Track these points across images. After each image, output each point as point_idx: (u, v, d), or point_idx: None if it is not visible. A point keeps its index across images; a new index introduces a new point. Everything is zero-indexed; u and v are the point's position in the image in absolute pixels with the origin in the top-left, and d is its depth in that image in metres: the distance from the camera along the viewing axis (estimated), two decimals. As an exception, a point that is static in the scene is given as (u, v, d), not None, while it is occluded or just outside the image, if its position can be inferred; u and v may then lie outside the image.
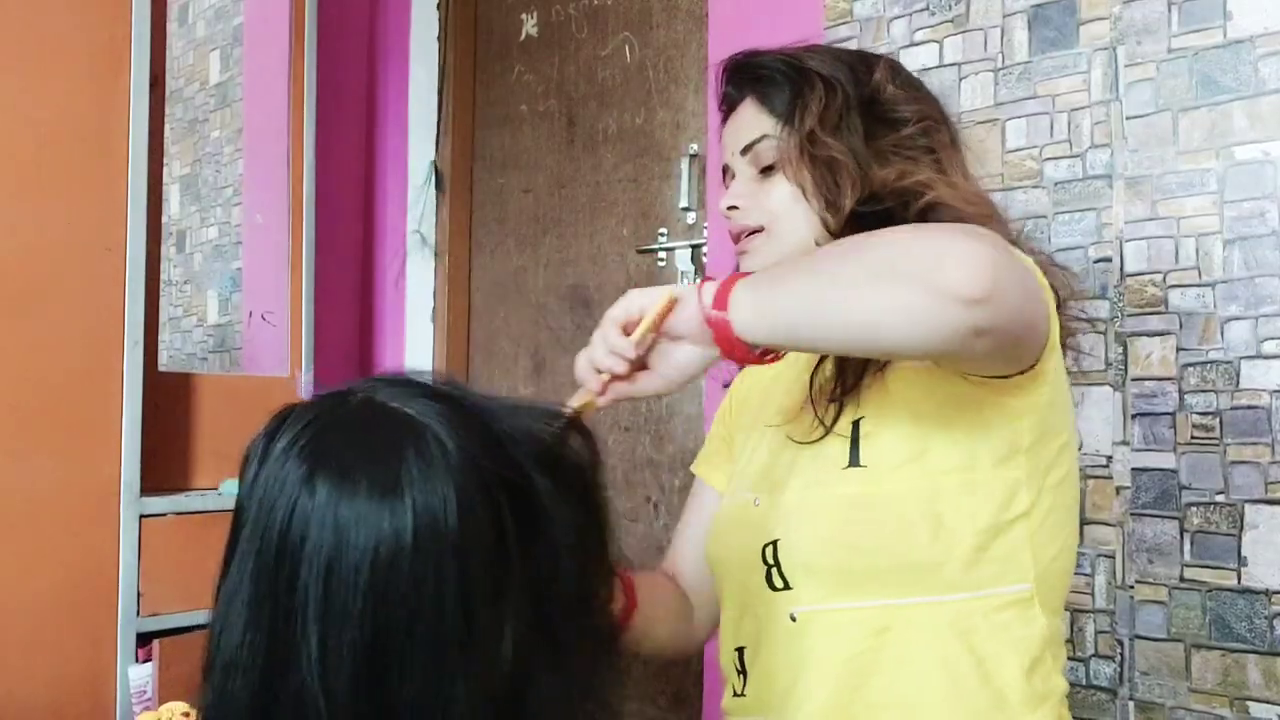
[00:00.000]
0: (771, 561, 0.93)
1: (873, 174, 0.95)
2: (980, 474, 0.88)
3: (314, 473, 0.66)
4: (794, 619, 0.91)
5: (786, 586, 0.92)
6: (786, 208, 0.98)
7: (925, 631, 0.87)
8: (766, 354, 0.82)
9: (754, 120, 1.01)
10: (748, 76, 1.03)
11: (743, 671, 0.99)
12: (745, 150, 1.01)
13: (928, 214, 0.93)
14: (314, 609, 0.63)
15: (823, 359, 0.96)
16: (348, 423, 0.69)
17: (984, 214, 0.94)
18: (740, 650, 0.99)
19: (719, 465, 1.13)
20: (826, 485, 0.92)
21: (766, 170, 1.00)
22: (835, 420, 0.92)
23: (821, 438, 0.92)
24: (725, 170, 1.06)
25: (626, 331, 0.84)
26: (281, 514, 0.66)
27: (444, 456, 0.65)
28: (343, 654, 0.63)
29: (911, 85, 1.03)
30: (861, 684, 0.88)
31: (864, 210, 0.94)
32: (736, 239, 1.03)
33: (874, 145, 0.97)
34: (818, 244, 0.96)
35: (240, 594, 0.67)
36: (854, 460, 0.91)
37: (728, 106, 1.06)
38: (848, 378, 0.92)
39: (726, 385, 1.18)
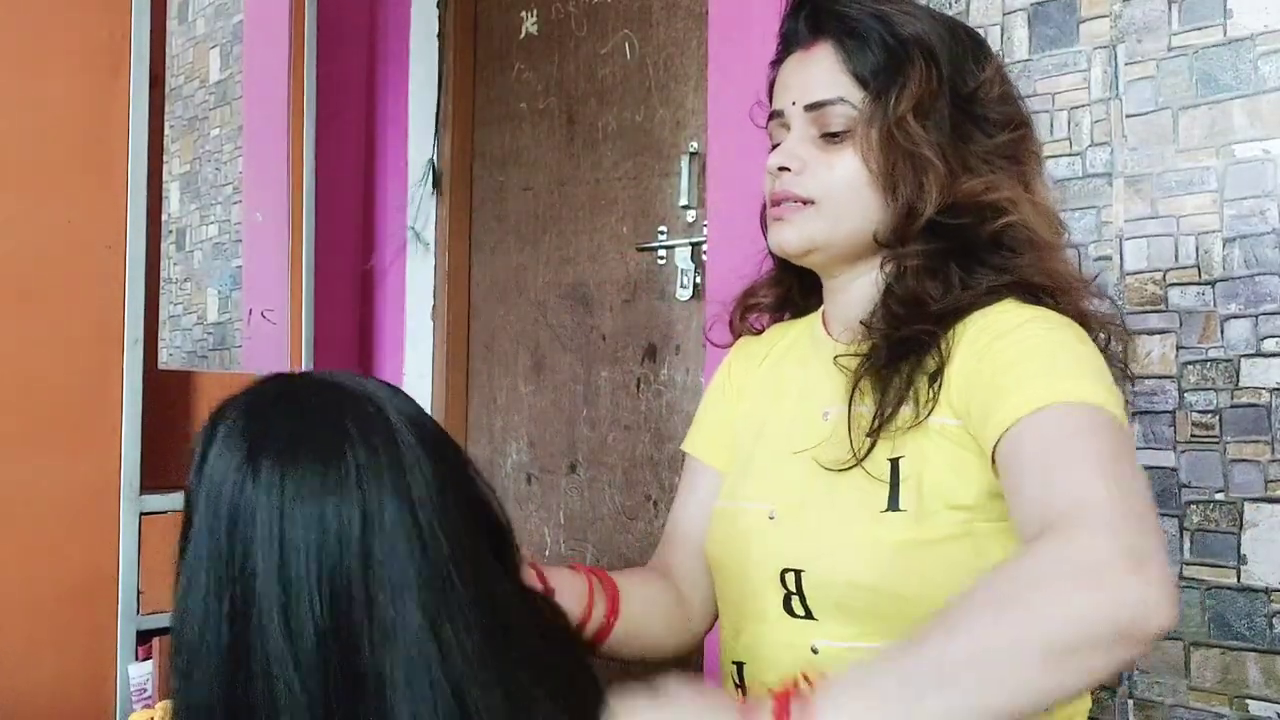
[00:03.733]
0: (793, 589, 0.89)
1: (959, 183, 0.88)
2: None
3: (255, 452, 0.65)
4: (816, 651, 0.87)
5: (809, 616, 0.88)
6: (851, 188, 0.89)
7: None
8: None
9: (831, 76, 0.90)
10: (832, 19, 0.91)
11: (741, 686, 0.95)
12: (813, 107, 0.91)
13: (1003, 235, 0.87)
14: (272, 591, 0.63)
15: (858, 383, 0.89)
16: (284, 397, 0.69)
17: (1057, 236, 0.90)
18: (739, 665, 0.95)
19: (721, 445, 1.07)
20: (864, 526, 0.86)
21: (832, 136, 0.90)
22: (869, 452, 0.86)
23: (851, 467, 0.87)
24: (775, 116, 0.95)
25: None
26: (228, 498, 0.65)
27: (383, 421, 0.66)
28: (305, 631, 0.62)
29: (1011, 85, 0.95)
30: None
31: (940, 220, 0.88)
32: (776, 202, 0.93)
33: (963, 146, 0.89)
34: (876, 239, 0.90)
35: (197, 583, 0.66)
36: (893, 504, 0.85)
37: (794, 43, 0.94)
38: (887, 408, 0.86)
39: (719, 345, 1.12)
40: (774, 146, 0.95)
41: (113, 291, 1.62)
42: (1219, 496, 1.30)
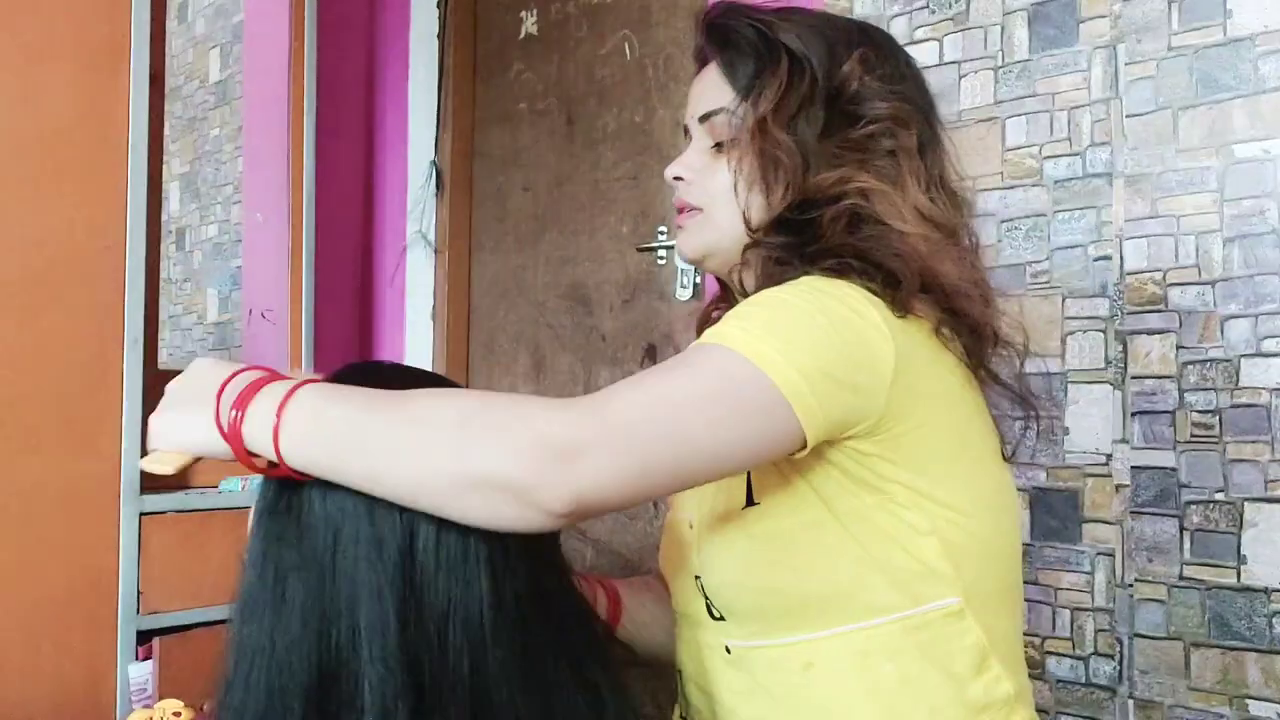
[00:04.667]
0: (704, 594, 0.90)
1: (813, 176, 0.87)
2: (867, 500, 0.82)
3: None
4: (729, 650, 0.89)
5: (722, 618, 0.90)
6: (725, 195, 0.91)
7: (851, 660, 0.84)
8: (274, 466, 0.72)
9: (716, 88, 0.93)
10: (719, 36, 0.94)
11: (682, 694, 0.98)
12: (704, 118, 0.94)
13: (853, 224, 0.85)
14: (351, 589, 0.68)
15: None
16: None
17: (924, 233, 0.85)
18: (680, 673, 0.98)
19: None
20: (731, 525, 0.88)
21: (719, 146, 0.93)
22: None
23: None
24: (685, 130, 0.98)
25: None
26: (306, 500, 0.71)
27: None
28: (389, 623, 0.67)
29: (893, 77, 0.92)
30: (803, 715, 0.85)
31: (791, 217, 0.87)
32: (678, 210, 0.97)
33: (828, 142, 0.89)
34: (749, 235, 0.91)
35: (265, 582, 0.70)
36: (750, 499, 0.86)
37: (700, 61, 0.98)
38: None
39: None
40: None
41: (112, 291, 1.62)
42: (1219, 496, 1.30)
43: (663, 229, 2.01)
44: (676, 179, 0.96)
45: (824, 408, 0.75)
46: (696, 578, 0.91)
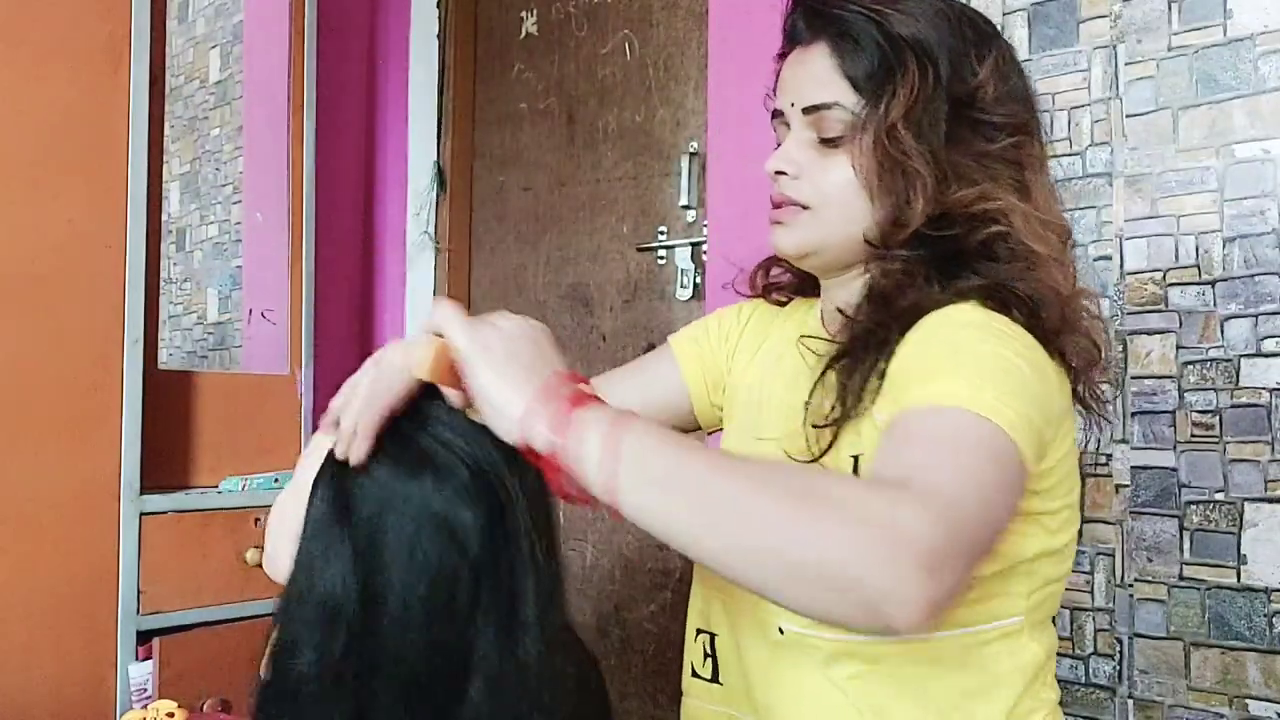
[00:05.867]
0: None
1: (950, 192, 0.85)
2: None
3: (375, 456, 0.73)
4: (782, 632, 0.89)
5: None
6: (844, 195, 0.88)
7: (916, 666, 0.85)
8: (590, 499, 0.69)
9: (827, 78, 0.89)
10: (825, 20, 0.89)
11: (711, 657, 0.97)
12: (810, 110, 0.89)
13: (991, 246, 0.85)
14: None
15: (822, 376, 0.88)
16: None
17: (1052, 246, 0.85)
18: (711, 635, 0.97)
19: (703, 370, 1.07)
20: None
21: (829, 141, 0.89)
22: (828, 449, 0.86)
23: (811, 460, 0.86)
24: (776, 114, 0.94)
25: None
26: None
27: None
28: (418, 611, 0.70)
29: (1015, 83, 0.90)
30: (851, 715, 0.85)
31: (929, 232, 0.86)
32: (776, 204, 0.93)
33: (957, 153, 0.86)
34: (868, 241, 0.89)
35: (316, 565, 0.72)
36: None
37: (795, 39, 0.93)
38: (847, 403, 0.85)
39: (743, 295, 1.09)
40: (778, 146, 0.94)
41: (113, 291, 1.62)
42: (1219, 496, 1.30)
43: (663, 229, 2.01)
44: (779, 174, 0.92)
45: (1034, 462, 0.76)
46: None
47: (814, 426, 0.86)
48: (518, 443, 0.69)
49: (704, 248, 1.91)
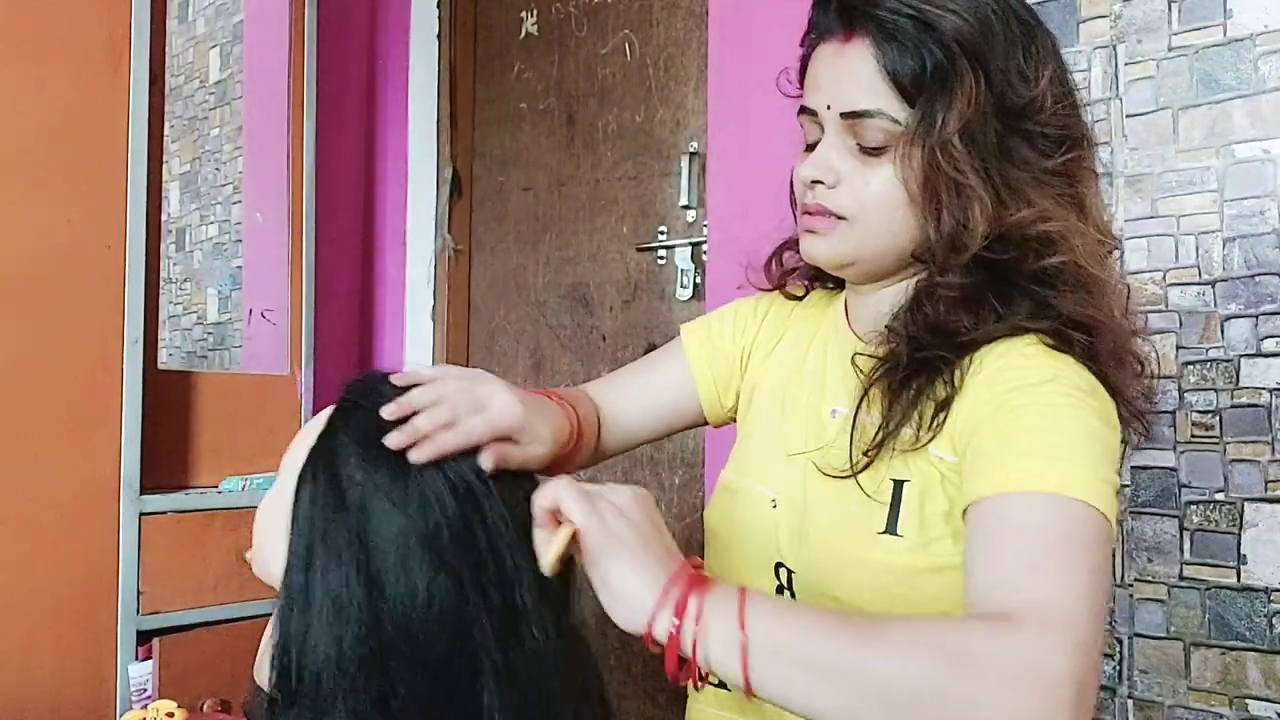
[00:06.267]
0: (785, 583, 0.88)
1: (1008, 211, 0.80)
2: None
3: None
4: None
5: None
6: (887, 208, 0.83)
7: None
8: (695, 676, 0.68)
9: (869, 83, 0.82)
10: (870, 19, 0.82)
11: None
12: (850, 115, 0.83)
13: (1053, 271, 0.81)
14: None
15: (868, 391, 0.85)
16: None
17: (1105, 266, 0.82)
18: None
19: (710, 364, 1.05)
20: (859, 544, 0.84)
21: (871, 150, 0.83)
22: (865, 467, 0.83)
23: (847, 477, 0.84)
24: (807, 112, 0.87)
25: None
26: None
27: None
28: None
29: (1071, 95, 0.85)
30: None
31: (985, 255, 0.81)
32: (808, 212, 0.88)
33: (1011, 168, 0.81)
34: (917, 258, 0.85)
35: (315, 559, 0.72)
36: (891, 527, 0.82)
37: (826, 32, 0.85)
38: (890, 425, 0.83)
39: (758, 288, 1.06)
40: (807, 146, 0.89)
41: (113, 291, 1.62)
42: (1219, 496, 1.30)
43: (663, 229, 2.01)
44: (815, 183, 0.86)
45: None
46: (780, 565, 0.89)
47: (863, 453, 0.83)
48: (639, 631, 0.68)
49: (704, 248, 1.91)
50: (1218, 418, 1.30)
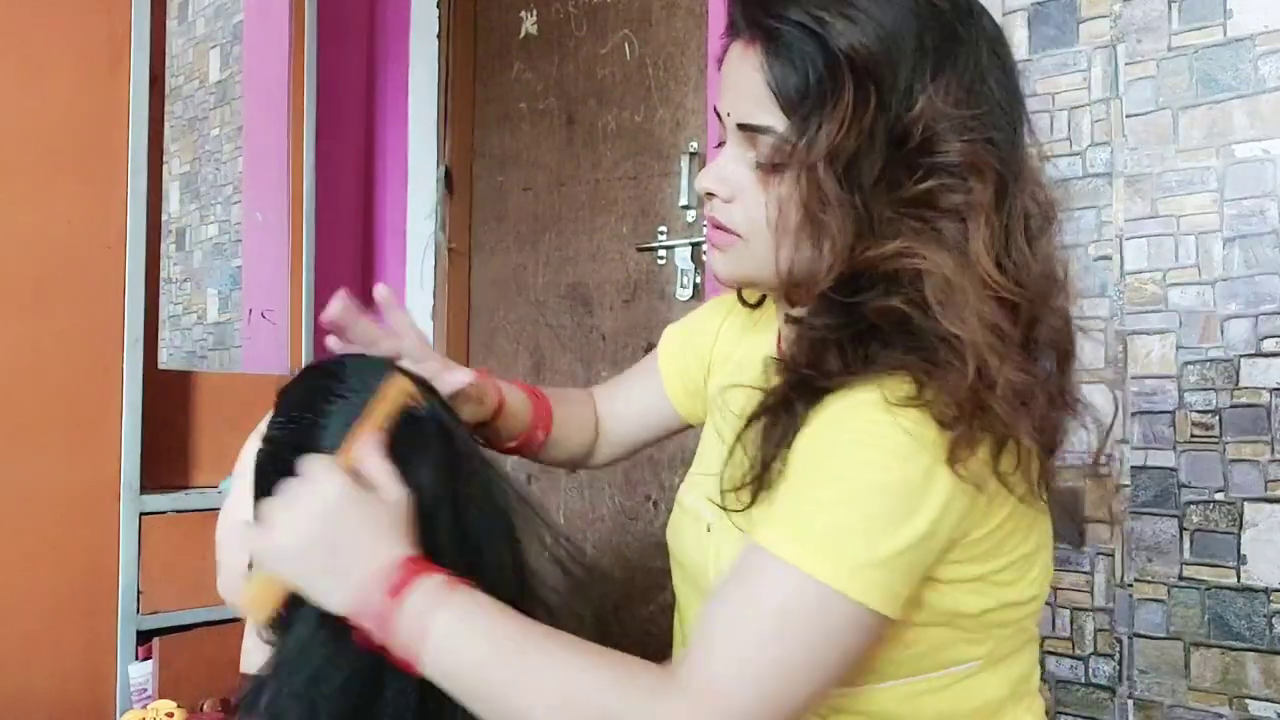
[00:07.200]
0: None
1: (864, 248, 0.72)
2: (928, 592, 0.74)
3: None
4: None
5: None
6: (773, 231, 0.77)
7: (872, 713, 0.79)
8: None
9: (759, 95, 0.75)
10: (759, 22, 0.75)
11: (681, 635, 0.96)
12: (744, 128, 0.78)
13: (907, 318, 0.71)
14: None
15: (736, 441, 0.78)
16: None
17: (988, 340, 0.69)
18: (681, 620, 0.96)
19: (683, 386, 1.06)
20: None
21: (768, 166, 0.77)
22: (751, 504, 0.76)
23: (741, 512, 0.78)
24: (717, 113, 0.82)
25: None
26: None
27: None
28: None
29: (972, 98, 0.74)
30: None
31: (833, 297, 0.74)
32: (712, 225, 0.83)
33: (884, 194, 0.73)
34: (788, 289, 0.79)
35: None
36: None
37: (736, 32, 0.79)
38: (754, 471, 0.76)
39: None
40: (720, 143, 0.84)
41: (113, 291, 1.62)
42: (1219, 496, 1.30)
43: (663, 229, 2.01)
44: (709, 195, 0.82)
45: (907, 582, 0.70)
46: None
47: (723, 491, 0.78)
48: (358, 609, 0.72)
49: (704, 247, 1.91)
50: (1218, 418, 1.31)
